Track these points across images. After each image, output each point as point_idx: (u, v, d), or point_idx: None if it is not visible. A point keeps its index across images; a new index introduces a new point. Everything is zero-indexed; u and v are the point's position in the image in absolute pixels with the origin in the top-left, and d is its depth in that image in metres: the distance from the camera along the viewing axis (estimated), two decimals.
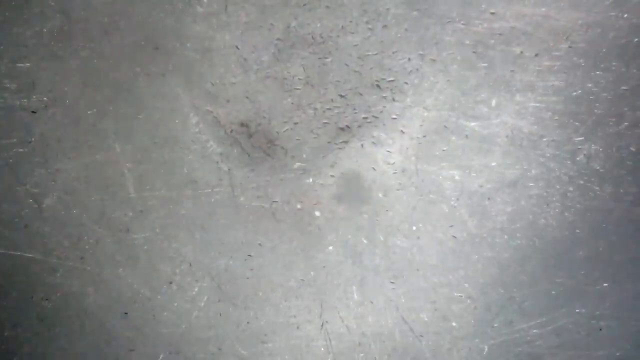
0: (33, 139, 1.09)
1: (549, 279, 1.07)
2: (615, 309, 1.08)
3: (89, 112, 1.09)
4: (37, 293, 1.10)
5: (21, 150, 1.08)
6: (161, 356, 1.10)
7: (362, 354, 1.08)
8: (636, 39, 1.04)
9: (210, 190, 1.09)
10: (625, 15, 1.04)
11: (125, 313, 1.09)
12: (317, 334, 1.10)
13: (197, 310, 1.09)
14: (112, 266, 1.09)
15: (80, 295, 1.09)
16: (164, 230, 1.09)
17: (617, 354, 1.08)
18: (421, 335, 1.09)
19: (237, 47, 1.10)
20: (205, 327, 1.09)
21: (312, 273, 1.09)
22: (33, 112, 1.09)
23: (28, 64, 1.08)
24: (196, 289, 1.09)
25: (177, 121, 1.10)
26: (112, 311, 1.09)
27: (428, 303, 1.09)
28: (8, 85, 1.09)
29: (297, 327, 1.10)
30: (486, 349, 1.09)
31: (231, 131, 1.10)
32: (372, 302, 1.08)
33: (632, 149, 1.04)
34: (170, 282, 1.09)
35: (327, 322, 1.09)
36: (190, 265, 1.09)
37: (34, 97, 1.09)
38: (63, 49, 1.09)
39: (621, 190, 1.05)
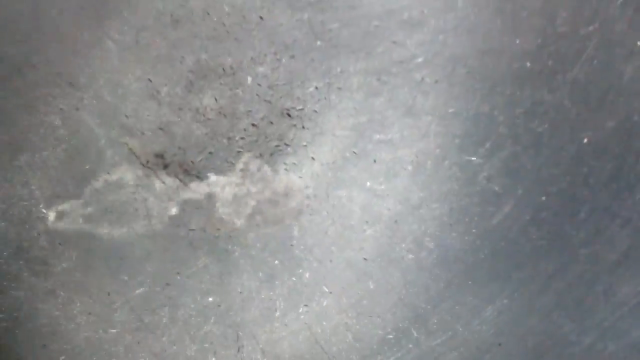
0: None
1: (453, 298, 1.14)
2: (513, 326, 1.15)
3: (4, 148, 1.13)
4: None
5: None
6: None
7: None
8: (528, 64, 1.12)
9: (127, 220, 1.14)
10: (517, 41, 1.12)
11: (44, 345, 1.14)
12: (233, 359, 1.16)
13: (115, 339, 1.14)
14: (31, 299, 1.13)
15: (1, 323, 1.14)
16: (82, 262, 1.14)
17: None
18: (334, 357, 1.16)
19: (149, 80, 1.16)
20: (123, 356, 1.14)
21: (228, 299, 1.15)
22: None
23: None
24: (115, 318, 1.14)
25: (92, 154, 1.15)
26: (31, 344, 1.14)
27: (340, 325, 1.16)
28: None
29: (214, 353, 1.15)
30: None
31: (147, 162, 1.16)
32: (286, 325, 1.15)
33: (528, 168, 1.12)
34: (89, 313, 1.14)
35: (242, 346, 1.15)
36: (109, 294, 1.14)
37: None
38: None
39: (518, 210, 1.13)
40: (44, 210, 1.14)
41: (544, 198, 1.12)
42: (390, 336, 1.14)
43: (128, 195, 1.15)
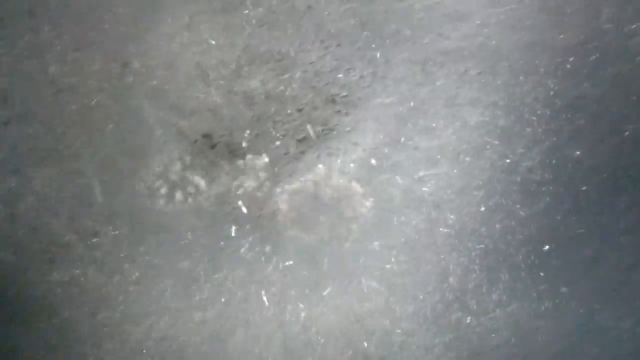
0: (6, 149, 1.19)
1: (492, 283, 1.18)
2: (552, 310, 1.19)
3: (58, 124, 1.19)
4: (7, 293, 1.20)
5: None
6: (127, 354, 1.21)
7: (316, 349, 1.19)
8: (571, 58, 1.15)
9: (175, 197, 1.19)
10: (561, 37, 1.16)
11: (93, 313, 1.19)
12: (274, 330, 1.20)
13: (161, 309, 1.20)
14: (80, 269, 1.19)
15: (49, 296, 1.19)
16: (131, 234, 1.19)
17: (553, 350, 1.19)
18: (372, 335, 1.20)
19: (200, 63, 1.21)
20: (169, 326, 1.20)
21: (272, 275, 1.20)
22: (5, 123, 1.19)
23: (1, 79, 1.19)
24: (161, 290, 1.19)
25: (143, 133, 1.20)
26: (80, 311, 1.19)
27: (380, 306, 1.19)
28: None
29: (257, 326, 1.20)
30: (433, 346, 1.20)
31: (195, 142, 1.21)
32: (327, 304, 1.19)
33: (569, 159, 1.16)
34: (137, 283, 1.19)
35: (285, 321, 1.20)
36: (155, 268, 1.19)
37: (6, 109, 1.20)
38: (34, 65, 1.19)
39: (558, 199, 1.16)
40: (95, 186, 1.20)
41: (584, 188, 1.16)
42: (431, 317, 1.18)
43: (176, 173, 1.20)
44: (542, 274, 1.16)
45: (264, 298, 1.19)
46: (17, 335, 1.21)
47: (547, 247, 1.16)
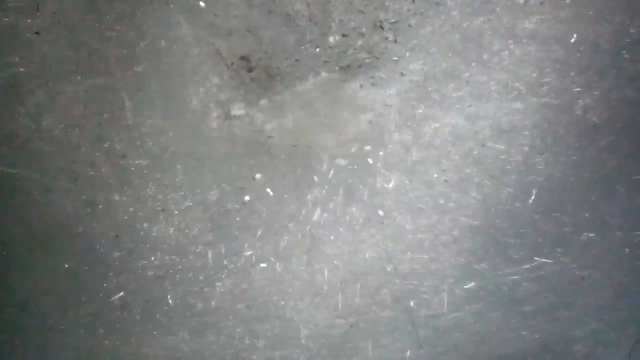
0: (35, 60, 1.14)
1: (535, 227, 1.12)
2: (599, 260, 1.13)
3: (91, 37, 1.13)
4: (31, 211, 1.16)
5: (22, 69, 1.14)
6: (149, 279, 1.16)
7: (346, 290, 1.14)
8: None
9: (207, 121, 1.14)
10: None
11: (117, 236, 1.15)
12: (303, 268, 1.15)
13: (187, 238, 1.15)
14: (105, 190, 1.14)
15: (72, 216, 1.15)
16: (159, 158, 1.14)
17: (598, 303, 1.13)
18: (404, 277, 1.15)
19: None
20: (194, 255, 1.15)
21: (303, 210, 1.14)
22: (36, 32, 1.14)
23: None
24: (188, 218, 1.15)
25: (178, 51, 1.14)
26: (103, 233, 1.15)
27: (414, 244, 1.14)
28: (12, 5, 1.14)
29: (284, 259, 1.15)
30: (468, 292, 1.14)
31: (232, 64, 1.15)
32: (359, 242, 1.14)
33: (630, 100, 1.08)
34: (162, 210, 1.14)
35: (313, 257, 1.15)
36: (183, 194, 1.14)
37: (38, 18, 1.14)
38: None
39: (616, 144, 1.09)
40: (126, 105, 1.14)
41: None
42: (467, 261, 1.12)
43: (210, 96, 1.14)
44: (591, 221, 1.09)
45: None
46: (37, 257, 1.16)
47: (603, 189, 1.09)
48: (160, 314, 1.19)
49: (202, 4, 1.15)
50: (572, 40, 1.11)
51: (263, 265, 1.18)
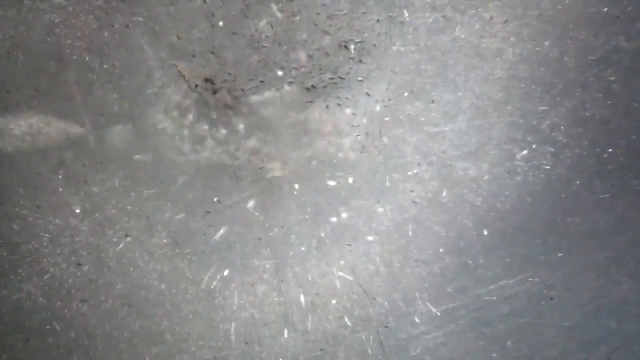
0: None
1: (505, 247, 1.12)
2: (567, 280, 1.13)
3: (51, 61, 1.12)
4: None
5: None
6: (112, 308, 1.15)
7: (315, 314, 1.13)
8: (605, 9, 1.08)
9: (171, 145, 1.13)
10: None
11: (79, 264, 1.13)
12: (271, 292, 1.15)
13: (151, 264, 1.14)
14: (67, 216, 1.13)
15: (33, 243, 1.13)
16: (123, 183, 1.13)
17: (566, 323, 1.13)
18: (374, 298, 1.14)
19: (204, 1, 1.13)
20: (159, 281, 1.14)
21: (270, 232, 1.13)
22: None
23: None
24: (152, 244, 1.13)
25: (140, 74, 1.13)
26: (66, 261, 1.13)
27: (383, 266, 1.13)
28: None
29: (252, 284, 1.14)
30: (438, 314, 1.14)
31: (195, 86, 1.14)
32: (327, 264, 1.13)
33: (596, 118, 1.09)
34: (127, 236, 1.13)
35: (282, 281, 1.14)
36: (148, 219, 1.13)
37: None
38: None
39: (582, 161, 1.09)
40: (88, 127, 1.13)
41: (610, 150, 1.08)
42: (436, 283, 1.11)
43: (174, 119, 1.13)
44: (559, 241, 1.09)
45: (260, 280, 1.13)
46: (1, 288, 1.14)
47: (570, 208, 1.09)
48: (127, 343, 1.18)
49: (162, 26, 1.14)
50: (537, 58, 1.11)
51: (232, 287, 1.17)
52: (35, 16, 1.16)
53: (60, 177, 1.16)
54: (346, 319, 1.17)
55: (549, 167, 1.14)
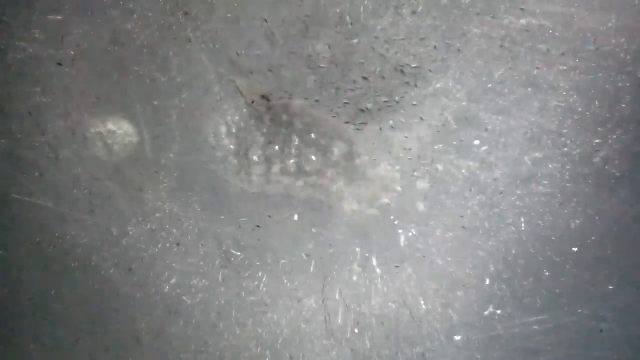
0: (56, 90, 1.17)
1: (554, 277, 1.13)
2: (618, 312, 1.14)
3: (113, 70, 1.16)
4: (45, 240, 1.17)
5: (44, 100, 1.17)
6: (159, 314, 1.17)
7: (359, 334, 1.14)
8: None
9: (225, 158, 1.16)
10: None
11: (129, 269, 1.16)
12: (317, 309, 1.16)
13: (200, 274, 1.16)
14: (121, 222, 1.16)
15: (86, 247, 1.17)
16: (176, 192, 1.17)
17: (616, 357, 1.13)
18: (420, 321, 1.15)
19: (265, 19, 1.17)
20: (207, 290, 1.16)
21: (318, 250, 1.15)
22: (59, 64, 1.18)
23: (59, 17, 1.17)
24: (202, 254, 1.16)
25: (199, 87, 1.17)
26: (116, 265, 1.16)
27: (430, 290, 1.16)
28: (37, 36, 1.17)
29: (298, 301, 1.16)
30: (484, 341, 1.14)
31: (252, 102, 1.17)
32: (374, 284, 1.15)
33: None
34: (177, 244, 1.16)
35: (327, 298, 1.16)
36: (199, 230, 1.16)
37: (62, 49, 1.17)
38: (93, 5, 1.16)
39: (635, 195, 1.10)
40: (145, 138, 1.16)
41: None
42: (484, 309, 1.12)
43: (229, 133, 1.16)
44: (610, 273, 1.10)
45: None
46: (50, 285, 1.18)
47: (622, 241, 1.10)
48: (171, 349, 1.20)
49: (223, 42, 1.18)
50: (593, 91, 1.13)
51: (277, 303, 1.19)
52: (101, 24, 1.20)
53: (115, 183, 1.20)
54: (391, 340, 1.19)
55: (600, 201, 1.15)
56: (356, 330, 1.26)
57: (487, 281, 1.23)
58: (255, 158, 1.25)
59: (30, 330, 1.29)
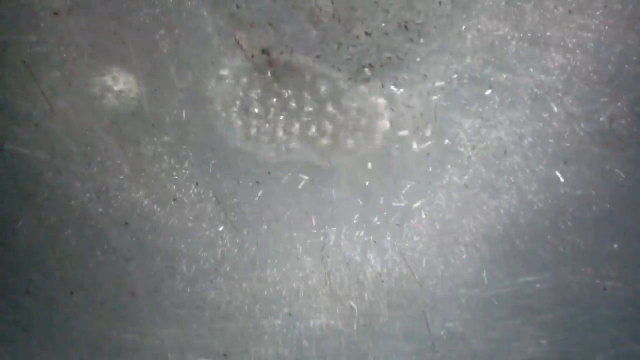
0: (52, 41, 1.14)
1: (558, 236, 1.12)
2: (622, 271, 1.12)
3: (110, 20, 1.13)
4: (40, 192, 1.15)
5: (39, 49, 1.15)
6: (156, 270, 1.16)
7: (359, 292, 1.13)
8: None
9: (224, 113, 1.14)
10: None
11: (126, 223, 1.15)
12: (317, 267, 1.15)
13: (197, 229, 1.15)
14: (117, 176, 1.14)
15: (82, 200, 1.15)
16: (174, 147, 1.15)
17: (620, 315, 1.12)
18: (421, 279, 1.14)
19: None
20: (204, 246, 1.14)
21: (317, 206, 1.14)
22: (55, 13, 1.14)
23: None
24: (199, 209, 1.14)
25: (198, 40, 1.14)
26: (113, 220, 1.15)
27: (432, 248, 1.14)
28: None
29: (297, 258, 1.14)
30: (485, 299, 1.13)
31: (252, 56, 1.15)
32: (375, 242, 1.13)
33: None
34: (174, 199, 1.15)
35: (327, 256, 1.14)
36: (197, 184, 1.14)
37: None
38: None
39: None
40: (142, 89, 1.14)
41: None
42: (485, 269, 1.11)
43: (228, 88, 1.14)
44: (614, 233, 1.09)
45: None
46: (44, 238, 1.15)
47: (627, 200, 1.08)
48: (168, 304, 1.19)
49: None
50: (600, 50, 1.11)
51: (274, 261, 1.17)
52: None
53: (112, 136, 1.17)
54: (393, 298, 1.17)
55: (606, 160, 1.13)
56: (355, 287, 1.25)
57: (490, 239, 1.22)
58: (254, 113, 1.23)
59: (24, 284, 1.27)
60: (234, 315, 1.27)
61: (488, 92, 1.22)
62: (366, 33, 1.25)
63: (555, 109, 1.21)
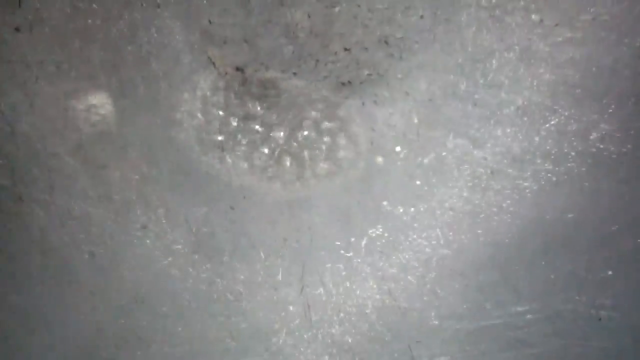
0: (13, 59, 1.08)
1: (549, 263, 1.06)
2: (617, 300, 1.07)
3: (75, 37, 1.07)
4: (1, 221, 1.08)
5: None
6: (124, 304, 1.09)
7: (341, 324, 1.06)
8: None
9: (195, 134, 1.07)
10: None
11: (92, 253, 1.07)
12: (296, 298, 1.09)
13: (169, 259, 1.08)
14: (83, 202, 1.07)
15: (45, 229, 1.07)
16: (143, 170, 1.08)
17: (616, 347, 1.07)
18: (406, 309, 1.08)
19: None
20: (175, 278, 1.08)
21: (296, 233, 1.07)
22: (16, 29, 1.07)
23: None
24: (170, 237, 1.07)
25: (168, 57, 1.09)
26: (78, 250, 1.07)
27: (417, 277, 1.08)
28: None
29: (275, 289, 1.08)
30: (474, 331, 1.07)
31: (225, 74, 1.09)
32: (357, 270, 1.07)
33: None
34: (144, 227, 1.07)
35: (307, 286, 1.08)
36: (168, 210, 1.08)
37: (19, 14, 1.07)
38: None
39: (634, 174, 1.03)
40: (109, 108, 1.07)
41: None
42: (474, 297, 1.05)
43: (200, 107, 1.08)
44: (608, 258, 1.04)
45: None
46: (2, 271, 1.08)
47: (620, 223, 1.03)
48: (136, 342, 1.12)
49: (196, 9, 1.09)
50: (589, 65, 1.06)
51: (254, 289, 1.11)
52: None
53: (77, 160, 1.11)
54: (376, 330, 1.11)
55: (598, 180, 1.08)
56: (336, 319, 1.18)
57: (477, 266, 1.16)
58: (229, 134, 1.17)
59: None
60: (208, 352, 1.20)
61: (473, 109, 1.16)
62: (345, 49, 1.19)
63: (544, 127, 1.15)
